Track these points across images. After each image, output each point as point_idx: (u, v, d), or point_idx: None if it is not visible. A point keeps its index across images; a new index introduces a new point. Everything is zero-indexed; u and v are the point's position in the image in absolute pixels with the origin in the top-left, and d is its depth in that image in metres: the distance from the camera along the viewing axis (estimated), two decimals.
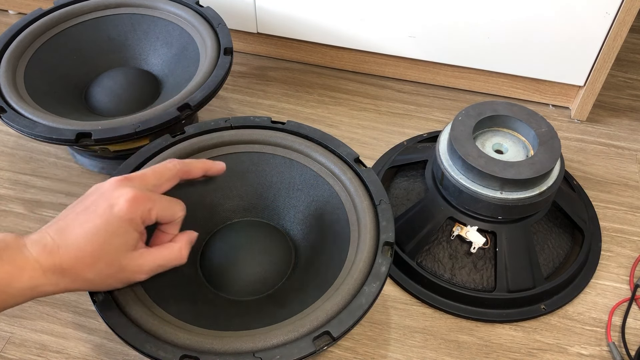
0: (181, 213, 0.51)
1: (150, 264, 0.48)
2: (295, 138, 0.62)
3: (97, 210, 0.45)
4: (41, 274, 0.43)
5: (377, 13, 0.84)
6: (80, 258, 0.44)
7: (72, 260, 0.44)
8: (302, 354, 0.45)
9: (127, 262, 0.46)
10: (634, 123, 0.88)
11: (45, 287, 0.44)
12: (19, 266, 0.42)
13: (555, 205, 0.68)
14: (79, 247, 0.44)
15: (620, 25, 0.76)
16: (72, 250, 0.44)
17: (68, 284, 0.45)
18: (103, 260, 0.45)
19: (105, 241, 0.45)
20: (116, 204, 0.45)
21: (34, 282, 0.43)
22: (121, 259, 0.46)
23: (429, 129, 0.86)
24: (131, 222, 0.46)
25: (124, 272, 0.47)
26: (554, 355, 0.62)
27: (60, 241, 0.44)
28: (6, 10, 1.03)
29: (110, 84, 0.78)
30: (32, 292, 0.44)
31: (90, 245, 0.44)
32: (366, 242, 0.53)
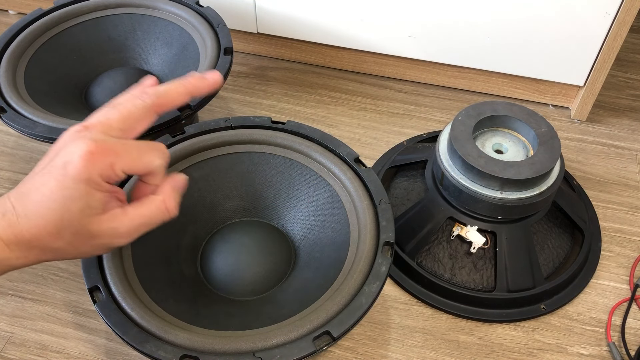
0: (158, 161, 0.42)
1: (127, 226, 0.41)
2: (295, 138, 0.62)
3: (51, 171, 0.39)
4: (4, 247, 0.38)
5: (377, 13, 0.84)
6: (43, 227, 0.38)
7: (35, 230, 0.38)
8: (302, 354, 0.45)
9: (97, 227, 0.40)
10: (634, 123, 0.88)
11: (13, 261, 0.39)
12: None
13: (555, 205, 0.68)
14: (39, 214, 0.38)
15: (620, 25, 0.76)
16: (32, 220, 0.38)
17: (38, 255, 0.40)
18: (67, 229, 0.39)
19: (64, 207, 0.38)
20: (69, 161, 0.38)
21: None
22: (88, 225, 0.39)
23: (429, 129, 0.86)
24: (89, 182, 0.38)
25: (97, 238, 0.40)
26: (554, 355, 0.62)
27: (20, 209, 0.39)
28: (6, 10, 1.03)
29: (110, 84, 0.78)
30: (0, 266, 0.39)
31: (50, 212, 0.38)
32: (366, 242, 0.53)
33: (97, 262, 0.51)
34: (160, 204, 0.42)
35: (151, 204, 0.42)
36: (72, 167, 0.38)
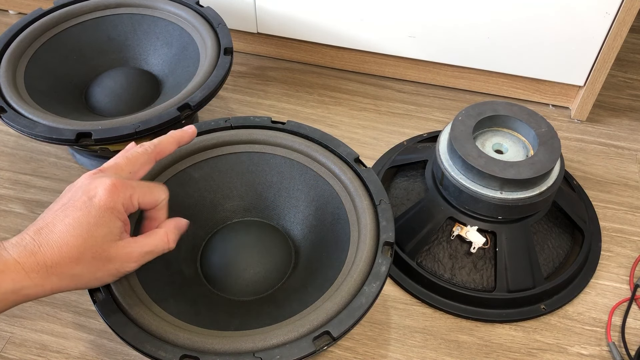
0: (164, 195, 0.50)
1: (137, 252, 0.47)
2: (295, 138, 0.62)
3: (75, 204, 0.44)
4: (24, 276, 0.42)
5: (377, 13, 0.84)
6: (66, 253, 0.43)
7: (57, 257, 0.42)
8: (302, 354, 0.45)
9: (114, 252, 0.45)
10: (634, 123, 0.88)
11: (30, 290, 0.42)
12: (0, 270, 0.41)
13: (555, 205, 0.68)
14: (62, 242, 0.43)
15: (620, 25, 0.76)
16: (55, 247, 0.43)
17: (55, 283, 0.43)
18: (89, 253, 0.44)
19: (89, 233, 0.43)
20: (95, 195, 0.44)
21: (17, 284, 0.41)
22: (108, 250, 0.45)
23: (429, 129, 0.86)
24: (113, 211, 0.45)
25: (112, 262, 0.45)
26: (554, 355, 0.62)
27: (41, 240, 0.43)
28: (6, 10, 1.03)
29: (111, 84, 0.78)
30: (16, 296, 0.42)
31: (74, 238, 0.43)
32: (366, 242, 0.53)
33: None
34: (163, 236, 0.49)
35: (156, 235, 0.49)
36: (97, 198, 0.44)
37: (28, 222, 0.72)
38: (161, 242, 0.49)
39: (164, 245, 0.49)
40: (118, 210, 0.45)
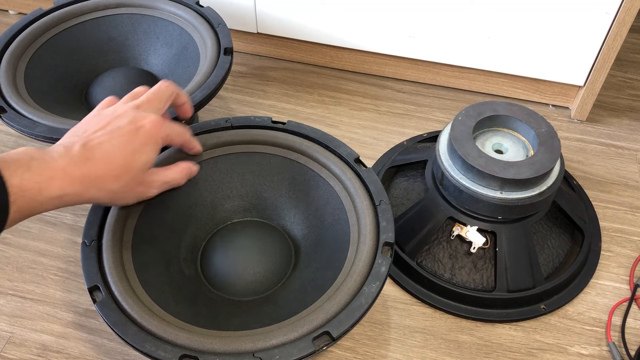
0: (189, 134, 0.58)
1: (160, 180, 0.54)
2: (295, 138, 0.62)
3: (122, 130, 0.50)
4: (69, 184, 0.46)
5: (377, 13, 0.84)
6: (109, 170, 0.48)
7: (101, 171, 0.48)
8: (301, 354, 0.46)
9: (145, 177, 0.52)
10: (634, 123, 0.88)
11: (70, 197, 0.47)
12: (49, 176, 0.45)
13: (555, 205, 0.68)
14: (108, 159, 0.48)
15: (620, 25, 0.76)
16: (101, 162, 0.48)
17: (92, 194, 0.48)
18: (129, 174, 0.50)
19: (133, 156, 0.50)
20: (142, 126, 0.51)
21: (62, 191, 0.46)
22: (142, 175, 0.52)
23: (429, 129, 0.86)
24: (155, 143, 0.51)
25: (141, 186, 0.52)
26: (554, 355, 0.62)
27: (88, 154, 0.48)
28: (6, 10, 1.03)
29: (111, 84, 0.78)
30: (59, 201, 0.46)
31: (119, 158, 0.49)
32: (366, 243, 0.53)
33: (97, 262, 0.52)
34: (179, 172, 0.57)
35: (175, 170, 0.56)
36: (144, 130, 0.51)
37: (28, 222, 0.72)
38: (177, 176, 0.56)
39: (179, 179, 0.57)
40: (157, 143, 0.52)
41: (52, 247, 0.70)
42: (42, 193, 0.45)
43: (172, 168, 0.56)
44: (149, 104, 0.54)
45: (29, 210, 0.45)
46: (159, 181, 0.54)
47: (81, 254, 0.52)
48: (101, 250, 0.52)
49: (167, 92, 0.56)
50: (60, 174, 0.46)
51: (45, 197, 0.45)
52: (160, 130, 0.52)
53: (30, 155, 0.45)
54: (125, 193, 0.52)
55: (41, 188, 0.44)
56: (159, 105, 0.54)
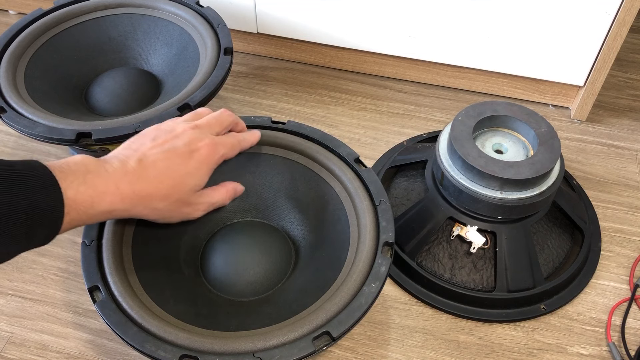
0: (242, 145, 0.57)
1: (207, 202, 0.54)
2: (295, 138, 0.62)
3: (177, 151, 0.50)
4: (120, 200, 0.47)
5: (377, 13, 0.84)
6: (158, 190, 0.49)
7: (151, 190, 0.48)
8: (301, 354, 0.46)
9: (193, 199, 0.53)
10: (634, 123, 0.88)
11: (118, 212, 0.47)
12: (101, 191, 0.45)
13: (555, 205, 0.68)
14: (159, 179, 0.49)
15: (620, 25, 0.76)
16: (152, 182, 0.48)
17: (139, 211, 0.49)
18: (176, 196, 0.50)
19: (183, 179, 0.50)
20: (196, 149, 0.51)
21: (113, 206, 0.46)
22: (190, 197, 0.52)
23: (429, 129, 0.86)
24: (208, 167, 0.52)
25: (188, 207, 0.53)
26: (554, 355, 0.62)
27: (141, 171, 0.48)
28: (6, 10, 1.03)
29: (111, 84, 0.78)
30: (107, 215, 0.47)
31: (170, 179, 0.49)
32: (366, 243, 0.53)
33: (97, 262, 0.52)
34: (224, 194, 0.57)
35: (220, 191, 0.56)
36: (199, 154, 0.51)
37: None
38: (222, 198, 0.56)
39: (223, 201, 0.57)
40: (210, 168, 0.52)
41: (52, 247, 0.70)
42: (94, 207, 0.45)
43: (218, 189, 0.56)
44: (209, 127, 0.54)
45: (79, 222, 0.45)
46: (205, 203, 0.54)
47: (81, 254, 0.52)
48: (101, 250, 0.52)
49: (229, 119, 0.56)
50: (113, 190, 0.46)
51: (96, 211, 0.45)
52: (214, 155, 0.52)
53: (87, 167, 0.46)
54: (171, 212, 0.52)
55: (93, 202, 0.45)
56: (219, 130, 0.55)
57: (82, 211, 0.44)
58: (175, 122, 0.54)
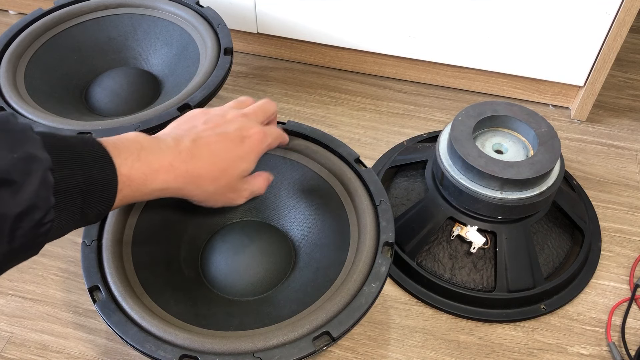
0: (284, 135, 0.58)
1: (249, 189, 0.54)
2: (295, 138, 0.62)
3: (229, 136, 0.50)
4: (173, 178, 0.46)
5: (377, 13, 0.84)
6: (210, 171, 0.49)
7: (203, 171, 0.48)
8: (301, 354, 0.45)
9: (239, 185, 0.53)
10: (634, 123, 0.88)
11: (170, 191, 0.47)
12: (155, 169, 0.45)
13: (555, 205, 0.68)
14: (212, 160, 0.49)
15: (620, 25, 0.76)
16: (205, 162, 0.48)
17: (189, 190, 0.49)
18: (226, 179, 0.50)
19: (234, 164, 0.50)
20: (248, 136, 0.51)
21: (165, 184, 0.46)
22: (237, 182, 0.52)
23: (429, 129, 0.86)
24: (256, 155, 0.52)
25: (233, 192, 0.53)
26: (554, 355, 0.62)
27: (196, 151, 0.48)
28: (6, 10, 1.03)
29: (111, 84, 0.78)
30: (159, 193, 0.47)
31: (222, 162, 0.49)
32: (366, 243, 0.53)
33: (97, 262, 0.52)
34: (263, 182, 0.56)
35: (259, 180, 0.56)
36: (250, 140, 0.51)
37: None
38: (261, 187, 0.56)
39: (261, 190, 0.56)
40: (259, 154, 0.53)
41: (52, 247, 0.70)
42: (147, 184, 0.45)
43: (257, 178, 0.56)
44: (255, 116, 0.54)
45: (132, 199, 0.44)
46: (248, 190, 0.54)
47: (81, 254, 0.52)
48: (101, 250, 0.52)
49: (272, 109, 0.56)
50: (167, 168, 0.46)
51: (149, 188, 0.45)
52: (262, 143, 0.53)
53: (141, 144, 0.45)
54: (218, 196, 0.52)
55: (147, 179, 0.44)
56: (263, 119, 0.55)
57: (135, 188, 0.44)
58: (224, 109, 0.54)
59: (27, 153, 0.36)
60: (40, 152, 0.37)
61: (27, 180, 0.35)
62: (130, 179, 0.43)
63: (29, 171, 0.35)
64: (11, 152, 0.35)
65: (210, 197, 0.51)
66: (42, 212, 0.36)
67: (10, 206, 0.34)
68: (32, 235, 0.36)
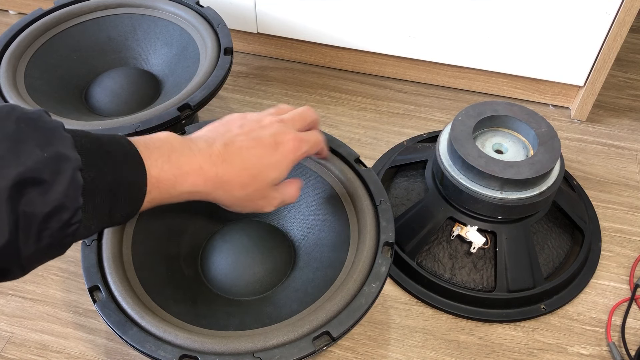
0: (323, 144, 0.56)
1: (280, 198, 0.52)
2: None
3: (263, 142, 0.49)
4: (202, 182, 0.45)
5: (377, 13, 0.84)
6: (240, 177, 0.47)
7: (233, 176, 0.47)
8: (301, 354, 0.45)
9: (269, 193, 0.50)
10: (634, 123, 0.88)
11: (199, 194, 0.46)
12: (185, 171, 0.44)
13: (555, 205, 0.68)
14: (243, 166, 0.47)
15: (620, 25, 0.76)
16: (235, 167, 0.47)
17: (218, 195, 0.47)
18: (256, 186, 0.48)
19: (265, 170, 0.48)
20: (282, 142, 0.49)
21: (194, 188, 0.45)
22: (267, 189, 0.50)
23: (429, 129, 0.86)
24: (290, 162, 0.50)
25: (263, 200, 0.50)
26: (554, 355, 0.62)
27: (227, 155, 0.47)
28: (6, 10, 1.03)
29: (111, 84, 0.78)
30: (188, 196, 0.45)
31: (253, 168, 0.48)
32: (366, 243, 0.53)
33: (97, 262, 0.52)
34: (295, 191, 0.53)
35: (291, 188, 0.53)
36: (284, 147, 0.49)
37: None
38: (293, 195, 0.53)
39: (293, 199, 0.54)
40: (292, 163, 0.50)
41: None
42: (176, 187, 0.44)
43: (290, 186, 0.54)
44: (293, 122, 0.53)
45: (160, 201, 0.43)
46: (278, 198, 0.52)
47: (81, 254, 0.52)
48: (101, 250, 0.52)
49: (312, 116, 0.55)
50: (197, 171, 0.45)
51: (178, 191, 0.44)
52: (298, 150, 0.51)
53: (172, 145, 0.44)
54: (246, 202, 0.50)
55: (176, 182, 0.44)
56: (301, 126, 0.53)
57: (164, 190, 0.43)
58: (261, 114, 0.53)
59: (58, 152, 0.35)
60: (70, 152, 0.36)
61: (57, 179, 0.35)
62: (160, 181, 0.42)
63: (59, 171, 0.35)
64: (42, 151, 0.35)
65: (239, 202, 0.49)
66: (70, 212, 0.35)
67: (39, 206, 0.34)
68: (60, 235, 0.36)
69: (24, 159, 0.34)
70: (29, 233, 0.34)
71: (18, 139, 0.34)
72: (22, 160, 0.33)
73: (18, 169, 0.33)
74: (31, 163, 0.34)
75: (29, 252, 0.35)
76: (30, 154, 0.34)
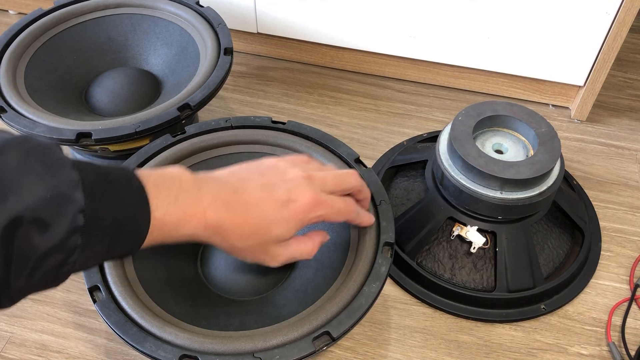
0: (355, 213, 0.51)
1: (286, 255, 0.49)
2: (295, 138, 0.62)
3: (274, 195, 0.46)
4: (203, 227, 0.44)
5: (377, 13, 0.84)
6: (240, 228, 0.45)
7: (232, 225, 0.45)
8: (301, 354, 0.45)
9: (272, 249, 0.48)
10: (634, 123, 0.88)
11: (198, 238, 0.45)
12: (189, 214, 0.43)
13: (555, 205, 0.68)
14: (245, 217, 0.45)
15: (620, 25, 0.76)
16: (237, 217, 0.45)
17: (216, 241, 0.46)
18: (256, 240, 0.46)
19: (268, 226, 0.46)
20: (294, 200, 0.46)
21: (194, 232, 0.44)
22: (270, 245, 0.47)
23: (429, 129, 0.86)
24: (298, 222, 0.47)
25: (265, 254, 0.48)
26: (554, 355, 0.62)
27: (232, 202, 0.45)
28: (6, 10, 1.03)
29: (111, 84, 0.78)
30: (189, 238, 0.44)
31: (254, 221, 0.45)
32: (366, 243, 0.53)
33: None
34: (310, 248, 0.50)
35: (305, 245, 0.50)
36: (294, 205, 0.46)
37: None
38: (306, 252, 0.50)
39: (308, 256, 0.50)
40: (301, 223, 0.47)
41: None
42: (178, 230, 0.43)
43: (304, 241, 0.50)
44: (322, 182, 0.49)
45: (160, 240, 0.42)
46: (285, 255, 0.49)
47: None
48: None
49: (352, 183, 0.51)
50: (199, 215, 0.43)
51: (178, 233, 0.43)
52: (310, 212, 0.47)
53: (181, 185, 0.43)
54: (246, 253, 0.48)
55: (179, 225, 0.42)
56: (333, 189, 0.49)
57: (165, 231, 0.42)
58: (295, 162, 0.50)
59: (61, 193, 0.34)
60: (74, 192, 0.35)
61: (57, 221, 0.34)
62: (163, 223, 0.41)
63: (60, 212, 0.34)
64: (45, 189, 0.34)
65: (238, 252, 0.48)
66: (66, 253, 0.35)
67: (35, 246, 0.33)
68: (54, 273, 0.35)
69: (25, 196, 0.33)
70: (22, 271, 0.33)
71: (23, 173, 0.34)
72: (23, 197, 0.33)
73: (17, 206, 0.32)
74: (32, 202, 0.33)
75: (20, 287, 0.34)
76: (32, 191, 0.33)
